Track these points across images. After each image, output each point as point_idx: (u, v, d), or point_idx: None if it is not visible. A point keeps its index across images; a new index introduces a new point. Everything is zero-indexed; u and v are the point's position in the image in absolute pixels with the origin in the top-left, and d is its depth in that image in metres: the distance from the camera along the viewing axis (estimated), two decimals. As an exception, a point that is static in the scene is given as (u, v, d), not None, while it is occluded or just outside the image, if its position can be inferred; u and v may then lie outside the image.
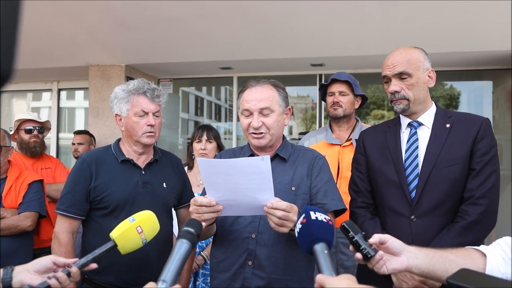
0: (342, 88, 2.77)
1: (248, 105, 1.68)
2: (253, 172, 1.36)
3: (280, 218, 1.38)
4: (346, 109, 2.75)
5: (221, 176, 1.40)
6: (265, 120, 1.67)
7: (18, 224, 2.59)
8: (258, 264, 1.62)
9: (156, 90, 1.95)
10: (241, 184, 1.39)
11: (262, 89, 1.70)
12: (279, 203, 1.39)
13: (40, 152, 3.30)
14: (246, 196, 1.41)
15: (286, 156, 1.74)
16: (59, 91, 5.88)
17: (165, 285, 0.95)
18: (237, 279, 1.63)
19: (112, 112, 2.01)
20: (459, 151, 1.69)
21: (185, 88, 6.25)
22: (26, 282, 1.17)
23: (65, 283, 1.20)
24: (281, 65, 4.79)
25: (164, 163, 2.08)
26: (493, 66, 4.63)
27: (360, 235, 1.16)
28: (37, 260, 1.24)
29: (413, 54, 1.76)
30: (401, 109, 1.78)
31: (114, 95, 1.97)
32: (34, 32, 4.13)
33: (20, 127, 3.29)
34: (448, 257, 1.18)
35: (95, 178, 1.90)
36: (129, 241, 1.33)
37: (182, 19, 3.89)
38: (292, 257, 1.62)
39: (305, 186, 1.69)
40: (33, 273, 1.20)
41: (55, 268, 1.24)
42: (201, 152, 2.86)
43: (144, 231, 1.35)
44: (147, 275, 1.81)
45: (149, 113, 1.92)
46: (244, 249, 1.63)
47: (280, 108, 1.71)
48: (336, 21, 3.78)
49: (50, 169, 3.34)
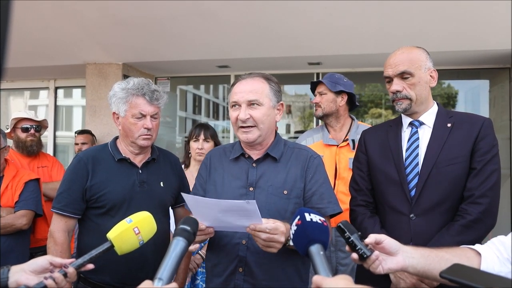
0: (320, 89, 2.84)
1: (236, 97, 1.62)
2: (241, 210, 1.35)
3: (264, 240, 1.37)
4: (325, 108, 2.78)
5: (207, 209, 1.41)
6: (252, 112, 1.60)
7: (13, 223, 2.58)
8: (248, 271, 1.59)
9: (155, 92, 1.91)
10: (229, 215, 1.39)
11: (253, 81, 1.64)
12: (262, 225, 1.36)
13: (37, 151, 3.29)
14: (235, 223, 1.42)
15: (278, 155, 1.67)
16: (56, 89, 5.85)
17: (161, 283, 0.95)
18: (229, 284, 1.62)
19: (110, 109, 1.98)
20: (460, 150, 1.70)
21: (182, 86, 6.24)
22: (23, 282, 1.17)
23: (61, 283, 1.20)
24: (278, 63, 4.79)
25: (161, 162, 2.06)
26: (490, 65, 4.64)
27: (356, 235, 1.17)
28: (34, 260, 1.24)
29: (415, 54, 1.76)
30: (403, 108, 1.78)
31: (113, 93, 1.93)
32: (31, 30, 4.11)
33: (17, 125, 3.28)
34: (443, 256, 1.19)
35: (92, 177, 1.88)
36: (126, 242, 1.33)
37: (179, 17, 3.88)
38: (284, 263, 1.58)
39: (298, 189, 1.63)
40: (30, 273, 1.20)
41: (52, 269, 1.23)
42: (198, 151, 2.85)
43: (141, 232, 1.35)
44: (143, 275, 1.80)
45: (146, 116, 1.89)
46: (235, 255, 1.60)
47: (270, 102, 1.64)
48: (333, 20, 3.78)
49: (46, 167, 3.33)
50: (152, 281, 0.95)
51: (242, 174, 1.67)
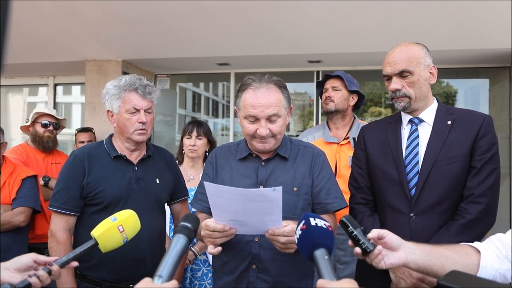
0: (335, 84, 2.80)
1: (254, 112, 1.58)
2: (263, 200, 1.34)
3: (283, 243, 1.39)
4: (338, 103, 2.76)
5: (228, 200, 1.38)
6: (272, 127, 1.60)
7: (11, 220, 2.57)
8: (262, 268, 1.61)
9: (148, 86, 1.92)
10: (249, 208, 1.37)
11: (269, 93, 1.59)
12: (280, 229, 1.39)
13: (52, 148, 3.37)
14: (253, 218, 1.40)
15: (287, 154, 1.71)
16: (55, 86, 5.83)
17: (161, 280, 0.94)
18: (242, 282, 1.63)
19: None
20: (459, 148, 1.68)
21: (182, 84, 6.22)
22: (6, 280, 1.16)
23: (45, 281, 1.20)
24: (278, 61, 4.78)
25: (157, 159, 2.07)
26: (490, 64, 4.63)
27: (359, 230, 1.18)
28: (17, 258, 1.23)
29: (414, 51, 1.73)
30: (402, 106, 1.76)
31: (106, 90, 1.94)
32: (30, 27, 4.10)
33: (37, 120, 3.34)
34: (444, 253, 1.19)
35: (88, 174, 1.88)
36: (110, 240, 1.34)
37: (179, 14, 3.87)
38: (295, 259, 1.59)
39: (306, 185, 1.67)
40: (13, 271, 1.20)
41: (35, 266, 1.23)
42: (191, 148, 2.82)
43: (125, 230, 1.36)
44: (140, 271, 1.81)
45: (140, 110, 1.90)
46: (248, 252, 1.62)
47: (285, 111, 1.66)
48: (333, 18, 3.77)
49: (60, 164, 3.38)
50: (152, 279, 0.94)
51: (252, 173, 1.69)
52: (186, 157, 2.90)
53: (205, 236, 1.44)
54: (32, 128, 3.33)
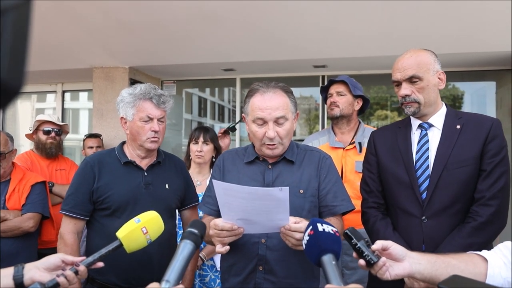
0: (339, 89, 2.79)
1: (262, 114, 1.62)
2: (271, 199, 1.36)
3: (297, 240, 1.40)
4: (343, 109, 2.74)
5: (236, 198, 1.40)
6: (279, 129, 1.63)
7: (20, 225, 2.60)
8: (269, 269, 1.62)
9: (162, 96, 1.96)
10: (257, 207, 1.39)
11: (276, 96, 1.64)
12: (297, 225, 1.40)
13: (56, 154, 3.38)
14: (261, 217, 1.42)
15: (294, 158, 1.73)
16: (63, 92, 5.91)
17: (168, 285, 0.96)
18: (249, 283, 1.64)
19: (117, 114, 2.02)
20: (469, 152, 1.70)
21: (188, 89, 6.26)
22: (36, 279, 1.20)
23: (72, 281, 1.24)
24: (283, 66, 4.80)
25: (167, 165, 2.09)
26: (496, 67, 4.62)
27: (363, 242, 1.18)
28: (46, 258, 1.27)
29: (423, 57, 1.76)
30: (412, 112, 1.78)
31: (121, 98, 1.98)
32: (38, 35, 4.15)
33: (39, 127, 3.38)
34: (450, 262, 1.19)
35: (98, 179, 1.91)
36: (134, 241, 1.37)
37: (185, 21, 3.91)
38: (301, 260, 1.60)
39: (313, 188, 1.68)
40: (43, 270, 1.24)
41: (63, 266, 1.27)
42: (197, 154, 2.83)
43: (149, 231, 1.39)
44: (149, 275, 1.83)
45: (154, 119, 1.93)
46: (254, 254, 1.64)
47: (292, 116, 1.69)
48: (338, 23, 3.78)
49: (65, 170, 3.41)
50: (160, 283, 0.96)
51: (258, 175, 1.72)
52: (193, 163, 2.91)
53: (214, 235, 1.46)
54: (36, 136, 3.37)
